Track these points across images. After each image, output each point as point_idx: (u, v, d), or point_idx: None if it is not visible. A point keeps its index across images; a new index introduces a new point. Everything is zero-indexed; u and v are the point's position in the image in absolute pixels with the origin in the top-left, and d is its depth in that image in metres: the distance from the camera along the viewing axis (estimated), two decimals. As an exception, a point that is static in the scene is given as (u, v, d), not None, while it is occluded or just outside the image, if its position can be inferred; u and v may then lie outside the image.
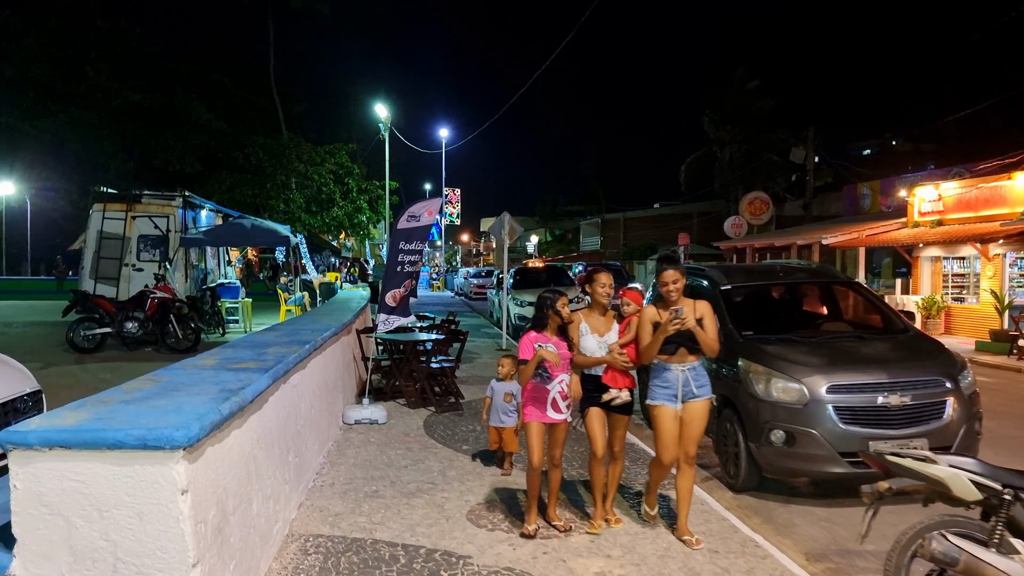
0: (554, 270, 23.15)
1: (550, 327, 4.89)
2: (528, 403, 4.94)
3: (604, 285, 5.07)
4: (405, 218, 8.49)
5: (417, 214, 8.50)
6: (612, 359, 4.95)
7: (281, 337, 6.82)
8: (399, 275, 8.49)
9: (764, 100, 38.24)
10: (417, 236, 8.56)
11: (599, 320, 5.09)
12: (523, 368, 4.84)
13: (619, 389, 5.02)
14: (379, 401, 9.17)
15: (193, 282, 16.24)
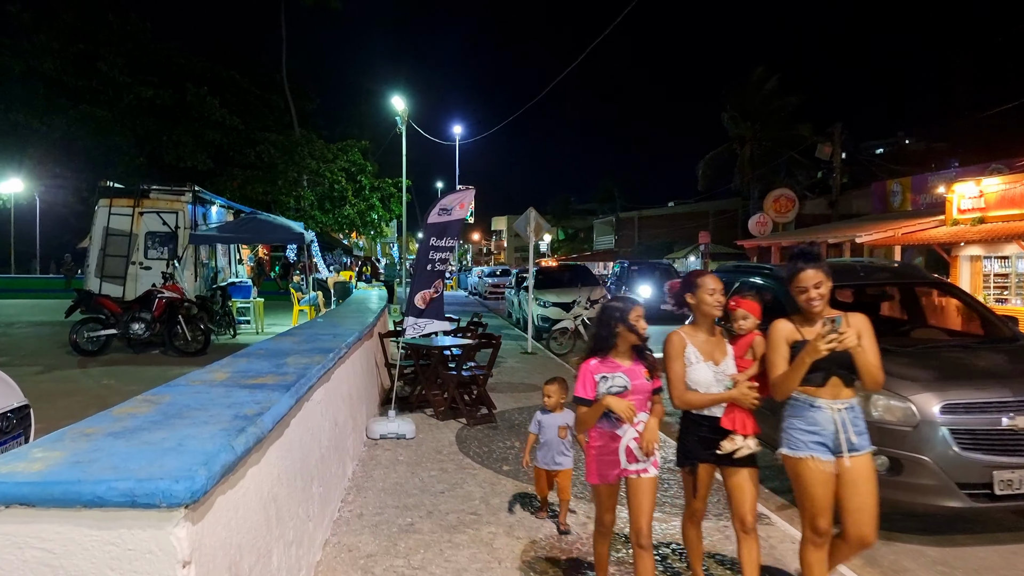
0: (577, 269, 22.29)
1: (619, 348, 3.63)
2: (592, 458, 3.69)
3: (713, 292, 3.75)
4: (436, 211, 7.69)
5: (449, 207, 7.70)
6: (740, 395, 3.63)
7: (300, 344, 6.03)
8: (429, 274, 7.69)
9: (785, 98, 37.29)
10: (449, 231, 7.76)
11: (709, 342, 3.79)
12: (582, 414, 3.63)
13: (744, 436, 3.70)
14: (404, 411, 8.38)
15: (203, 281, 15.49)
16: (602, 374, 3.59)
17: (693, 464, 3.82)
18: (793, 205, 26.99)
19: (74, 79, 31.46)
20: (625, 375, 3.58)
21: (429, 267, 7.68)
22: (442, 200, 7.70)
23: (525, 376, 11.58)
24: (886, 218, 24.18)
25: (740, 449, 3.70)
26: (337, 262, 43.83)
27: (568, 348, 14.79)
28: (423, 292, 7.62)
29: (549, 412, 5.24)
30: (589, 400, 3.60)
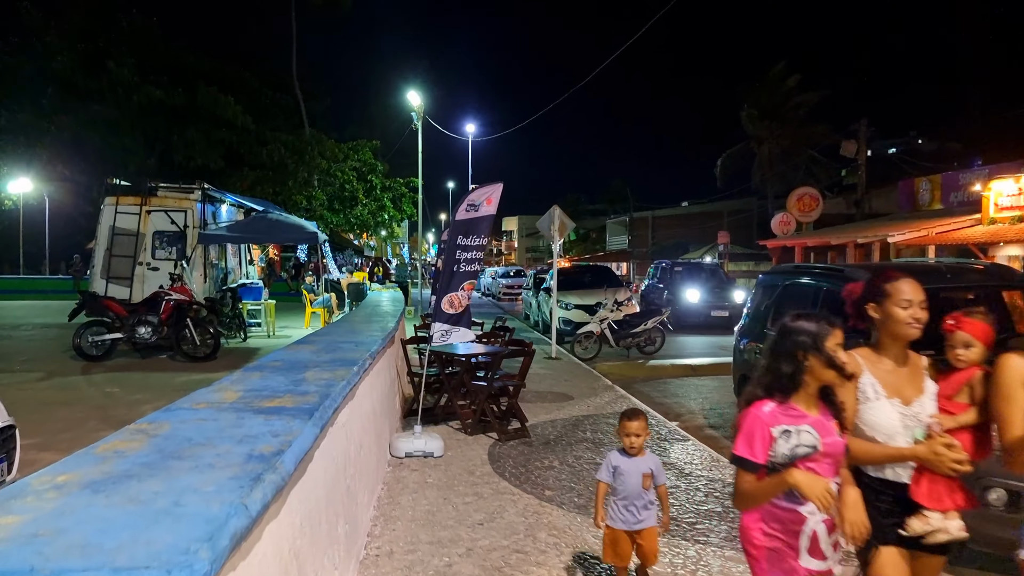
0: (598, 270, 21.61)
1: (807, 390, 2.54)
2: (759, 545, 2.56)
3: (909, 304, 2.74)
4: (464, 207, 7.01)
5: (476, 202, 7.03)
6: (930, 454, 2.63)
7: (319, 355, 5.37)
8: (457, 276, 7.01)
9: (804, 95, 36.46)
10: (478, 229, 7.09)
11: (898, 373, 2.80)
12: (750, 487, 2.51)
13: (942, 513, 2.69)
14: (429, 424, 7.71)
15: (213, 282, 14.87)
16: (783, 427, 2.48)
17: (872, 546, 2.72)
18: (817, 204, 26.21)
19: (83, 79, 31.04)
20: (813, 429, 2.50)
21: (456, 268, 7.00)
22: (470, 195, 7.02)
23: (552, 383, 10.89)
24: (916, 217, 23.38)
25: (935, 533, 2.68)
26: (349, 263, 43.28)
27: (593, 353, 14.09)
28: (451, 295, 6.94)
29: (627, 455, 3.91)
30: (760, 465, 2.48)
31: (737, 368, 8.02)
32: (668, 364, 13.35)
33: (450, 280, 6.97)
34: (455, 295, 6.95)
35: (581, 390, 10.44)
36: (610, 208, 64.75)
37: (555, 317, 14.43)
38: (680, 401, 10.38)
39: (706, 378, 12.20)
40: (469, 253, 7.05)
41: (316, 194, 34.48)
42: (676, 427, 8.22)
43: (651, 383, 11.76)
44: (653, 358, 14.34)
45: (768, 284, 7.72)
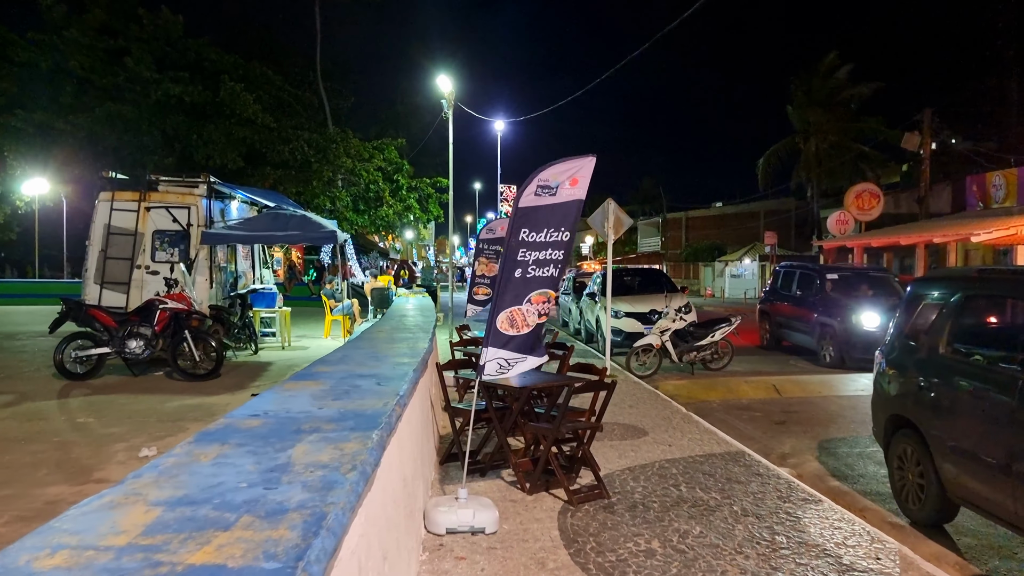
0: (648, 273, 19.59)
1: None
2: None
3: None
4: (534, 189, 5.06)
5: (553, 183, 5.09)
6: None
7: (324, 401, 3.52)
8: (522, 283, 5.10)
9: (856, 87, 34.16)
10: (555, 219, 5.15)
11: None
12: None
13: None
14: (473, 475, 5.85)
15: (220, 288, 13.12)
16: None
17: None
18: (878, 201, 24.00)
19: (101, 76, 29.80)
20: None
21: (519, 273, 5.09)
22: (541, 172, 5.09)
23: (614, 410, 8.94)
24: (993, 214, 21.11)
25: None
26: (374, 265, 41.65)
27: (652, 369, 12.13)
28: (512, 311, 5.03)
29: None
30: None
31: (884, 405, 6.02)
32: (743, 382, 11.34)
33: (511, 289, 5.06)
34: (518, 310, 5.04)
35: (652, 420, 8.50)
36: (640, 209, 62.61)
37: (608, 329, 12.48)
38: (778, 436, 8.38)
39: (793, 400, 10.19)
40: (542, 252, 5.12)
41: (340, 194, 33.02)
42: (794, 479, 6.25)
43: (732, 409, 9.77)
44: (721, 374, 12.34)
45: (932, 296, 5.73)
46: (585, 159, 5.22)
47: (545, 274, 5.16)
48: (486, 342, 5.07)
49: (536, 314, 5.16)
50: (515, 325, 5.08)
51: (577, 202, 5.23)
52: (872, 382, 6.26)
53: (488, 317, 5.10)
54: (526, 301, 5.10)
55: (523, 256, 5.11)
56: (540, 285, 5.15)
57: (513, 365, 5.15)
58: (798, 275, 15.79)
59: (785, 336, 15.64)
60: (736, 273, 42.25)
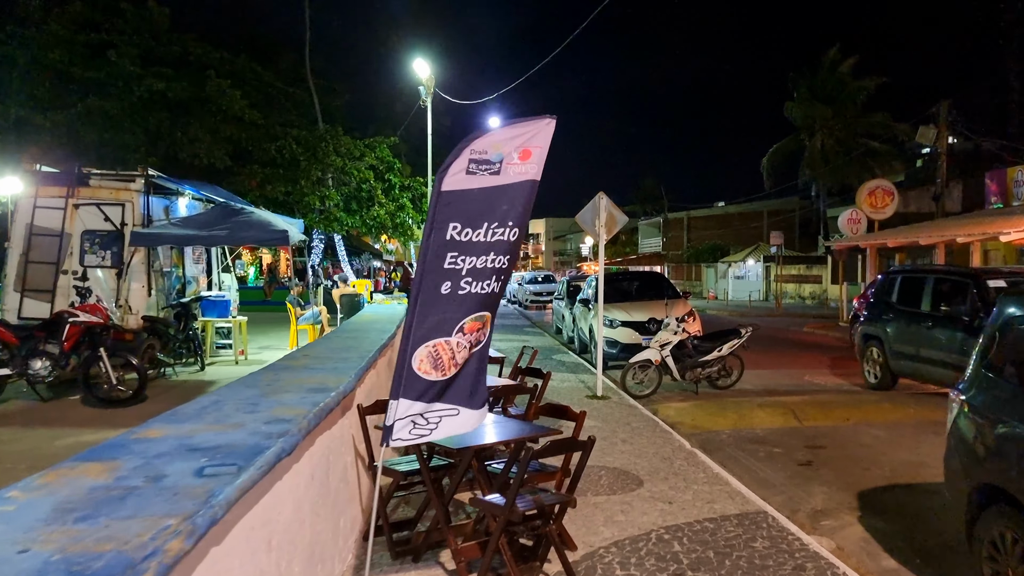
0: (647, 277, 17.90)
1: None
2: None
3: None
4: (465, 165, 3.35)
5: (492, 156, 3.41)
6: None
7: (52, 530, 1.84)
8: (449, 303, 3.40)
9: (861, 81, 32.41)
10: (496, 211, 3.48)
11: None
12: None
13: None
14: (403, 561, 4.19)
15: (163, 295, 11.46)
16: None
17: None
18: (892, 198, 22.24)
19: (82, 69, 28.32)
20: None
21: (448, 287, 3.40)
22: (475, 141, 3.40)
23: (603, 446, 7.26)
24: (1015, 212, 19.36)
25: None
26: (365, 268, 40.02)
27: (651, 387, 10.44)
28: (438, 344, 3.35)
29: None
30: None
31: (966, 467, 4.28)
32: (757, 407, 9.62)
33: (434, 311, 3.37)
34: (444, 344, 3.36)
35: (649, 461, 6.80)
36: (642, 209, 60.88)
37: (600, 340, 10.79)
38: (805, 482, 6.66)
39: (817, 430, 8.49)
40: (481, 258, 3.44)
41: (331, 194, 31.46)
42: (837, 561, 4.56)
43: (745, 442, 8.07)
44: (730, 394, 10.65)
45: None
46: (540, 121, 3.55)
47: (484, 290, 3.47)
48: (395, 391, 3.38)
49: (467, 347, 3.48)
50: (440, 365, 3.39)
51: (530, 183, 3.55)
52: (947, 430, 4.53)
53: (399, 355, 3.40)
54: (456, 330, 3.42)
55: (453, 263, 3.42)
56: (477, 306, 3.47)
57: (438, 423, 3.46)
58: (932, 284, 10.54)
59: (913, 371, 10.50)
60: (740, 275, 40.50)
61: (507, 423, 4.50)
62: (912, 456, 7.27)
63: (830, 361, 14.62)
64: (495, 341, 16.66)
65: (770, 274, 35.33)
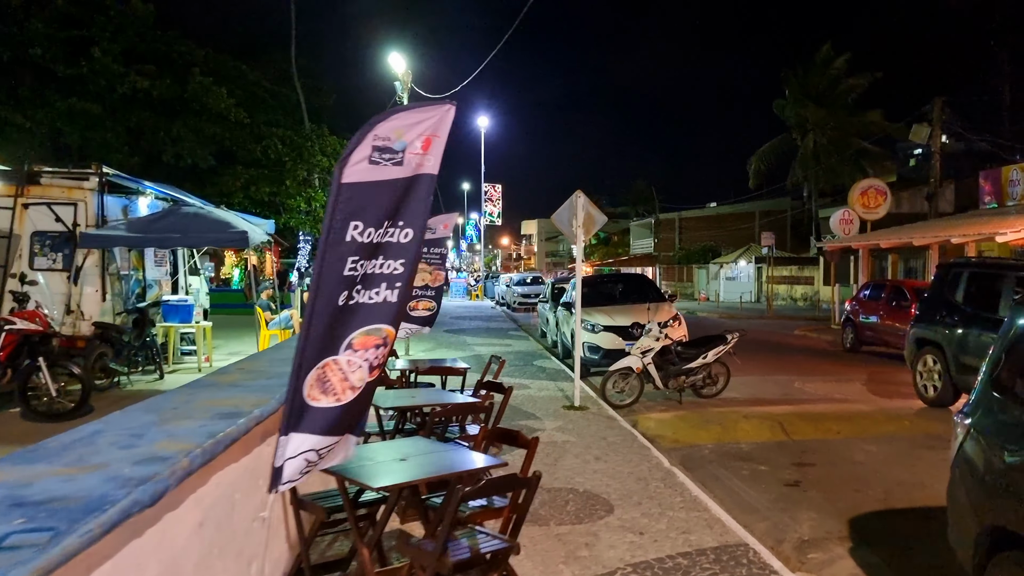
0: (632, 279, 17.31)
1: None
2: None
3: None
4: (368, 153, 2.80)
5: (395, 144, 2.86)
6: None
7: None
8: (343, 315, 2.79)
9: (854, 79, 31.92)
10: (398, 207, 2.92)
11: None
12: None
13: None
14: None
15: (119, 299, 10.82)
16: None
17: None
18: (885, 198, 21.73)
19: (64, 67, 27.70)
20: None
21: (344, 297, 2.78)
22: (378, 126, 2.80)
23: (574, 463, 6.68)
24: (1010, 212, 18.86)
25: None
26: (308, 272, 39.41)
27: (632, 397, 9.85)
28: (327, 365, 2.75)
29: None
30: None
31: (972, 506, 3.68)
32: (742, 418, 9.03)
33: (329, 326, 2.78)
34: (334, 364, 2.77)
35: (622, 483, 6.21)
36: (633, 211, 60.36)
37: (579, 346, 10.21)
38: (791, 506, 6.08)
39: (806, 445, 7.91)
40: (377, 263, 2.86)
41: (317, 195, 30.91)
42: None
43: (728, 458, 7.48)
44: (715, 403, 10.07)
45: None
46: (441, 107, 2.99)
47: (375, 299, 2.90)
48: (285, 424, 2.78)
49: (365, 366, 2.88)
50: (330, 389, 2.80)
51: (428, 178, 3.00)
52: (951, 458, 3.93)
53: (290, 381, 2.80)
54: (345, 347, 2.83)
55: (353, 269, 2.83)
56: (370, 319, 2.89)
57: (324, 455, 2.88)
58: (1013, 282, 8.80)
59: None
60: (731, 276, 39.98)
61: (448, 453, 3.90)
62: (908, 475, 6.70)
63: (822, 366, 14.07)
64: (472, 346, 16.04)
65: (762, 275, 34.82)
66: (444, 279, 9.12)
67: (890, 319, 15.13)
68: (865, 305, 16.25)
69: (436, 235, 8.25)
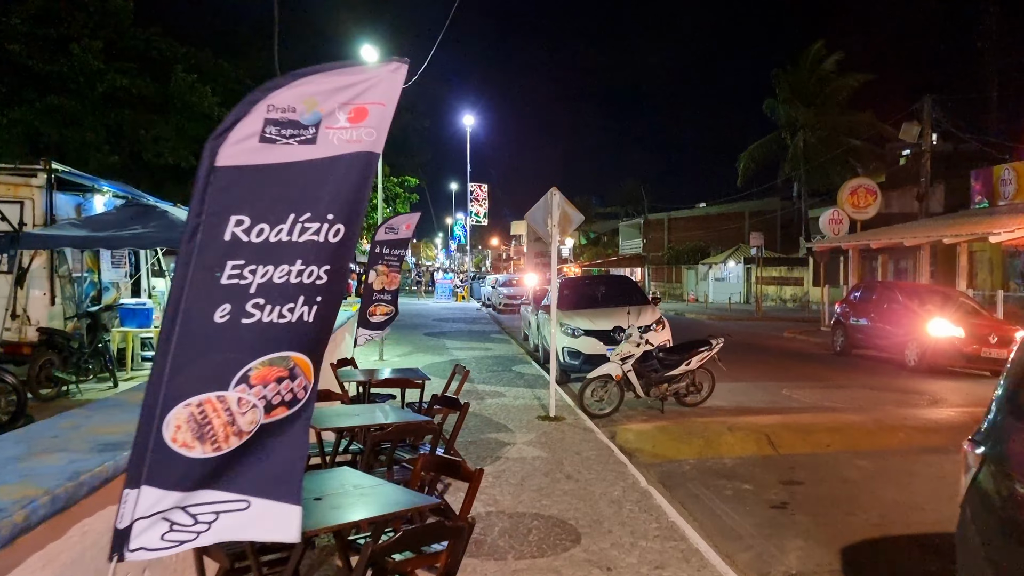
0: (614, 281, 16.76)
1: None
2: None
3: None
4: (260, 126, 2.22)
5: (305, 115, 2.28)
6: None
7: None
8: (225, 337, 2.22)
9: (844, 78, 31.52)
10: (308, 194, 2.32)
11: None
12: None
13: None
14: None
15: (71, 304, 10.19)
16: None
17: None
18: (875, 198, 21.30)
19: (43, 64, 26.99)
20: None
21: (224, 313, 2.22)
22: (278, 91, 2.27)
23: (542, 484, 6.10)
24: (1002, 212, 18.44)
25: None
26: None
27: (612, 406, 9.29)
28: (200, 403, 2.18)
29: None
30: None
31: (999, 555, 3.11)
32: (727, 430, 8.47)
33: (203, 352, 2.20)
34: (214, 402, 2.19)
35: (593, 506, 5.64)
36: (623, 211, 59.92)
37: (553, 351, 9.64)
38: (778, 532, 5.53)
39: (795, 460, 7.37)
40: (283, 267, 2.27)
41: (301, 194, 30.33)
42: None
43: (711, 475, 6.93)
44: (699, 412, 9.53)
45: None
46: (380, 68, 2.40)
47: (284, 317, 2.30)
48: (135, 473, 2.19)
49: (260, 406, 2.30)
50: (209, 435, 2.21)
51: (364, 157, 2.40)
52: (961, 495, 3.38)
53: (140, 419, 2.22)
54: (235, 382, 2.24)
55: (236, 276, 2.25)
56: (274, 343, 2.30)
57: (211, 522, 2.28)
58: None
59: None
60: (720, 277, 39.51)
61: (375, 490, 3.31)
62: (903, 495, 6.16)
63: (811, 371, 13.57)
64: (451, 350, 15.40)
65: (751, 276, 34.37)
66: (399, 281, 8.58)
67: (881, 321, 14.65)
68: (856, 307, 15.75)
69: (399, 235, 7.72)
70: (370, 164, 2.43)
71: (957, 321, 12.86)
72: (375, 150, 2.42)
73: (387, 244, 8.11)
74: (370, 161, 2.43)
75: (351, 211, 2.39)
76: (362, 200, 2.44)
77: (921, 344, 13.09)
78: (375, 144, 2.42)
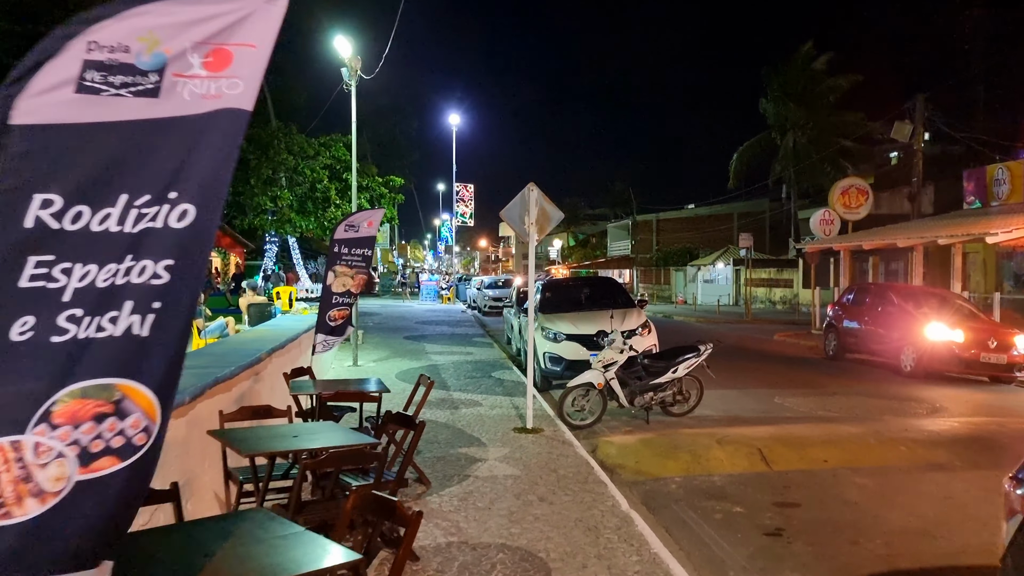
0: (599, 283, 16.15)
1: None
2: None
3: None
4: (75, 74, 1.65)
5: (148, 58, 1.68)
6: None
7: None
8: (13, 357, 1.62)
9: (835, 79, 31.11)
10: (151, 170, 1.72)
11: None
12: None
13: None
14: None
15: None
16: None
17: None
18: (866, 198, 20.81)
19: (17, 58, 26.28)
20: None
21: (26, 330, 1.63)
22: (97, 26, 1.70)
23: (515, 509, 5.47)
24: (996, 212, 17.98)
25: None
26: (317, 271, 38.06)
27: (593, 416, 8.67)
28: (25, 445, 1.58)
29: None
30: None
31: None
32: (716, 444, 7.86)
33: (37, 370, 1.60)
34: (10, 447, 1.58)
35: (569, 533, 5.02)
36: (611, 213, 59.42)
37: (531, 357, 9.02)
38: (772, 565, 4.93)
39: (790, 477, 6.78)
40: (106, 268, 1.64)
41: (282, 194, 29.62)
42: None
43: (698, 495, 6.32)
44: (686, 423, 8.94)
45: None
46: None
47: (105, 330, 1.69)
48: None
49: (75, 456, 1.67)
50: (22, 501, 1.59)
51: (228, 115, 1.79)
52: (1005, 542, 2.77)
53: None
54: (37, 419, 1.62)
55: (41, 277, 1.64)
56: (93, 368, 1.68)
57: None
58: None
59: None
60: (709, 278, 39.02)
61: (282, 543, 2.67)
62: (911, 520, 5.57)
63: (803, 377, 13.01)
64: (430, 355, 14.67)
65: (740, 278, 33.89)
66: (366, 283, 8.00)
67: (876, 325, 14.11)
68: (849, 310, 15.21)
69: (360, 234, 7.11)
70: (234, 126, 1.81)
71: (954, 324, 12.33)
72: (243, 107, 1.80)
73: (346, 243, 7.49)
74: (236, 122, 1.80)
75: (207, 190, 1.77)
76: (224, 175, 1.81)
77: (917, 348, 12.56)
78: (242, 99, 1.80)
